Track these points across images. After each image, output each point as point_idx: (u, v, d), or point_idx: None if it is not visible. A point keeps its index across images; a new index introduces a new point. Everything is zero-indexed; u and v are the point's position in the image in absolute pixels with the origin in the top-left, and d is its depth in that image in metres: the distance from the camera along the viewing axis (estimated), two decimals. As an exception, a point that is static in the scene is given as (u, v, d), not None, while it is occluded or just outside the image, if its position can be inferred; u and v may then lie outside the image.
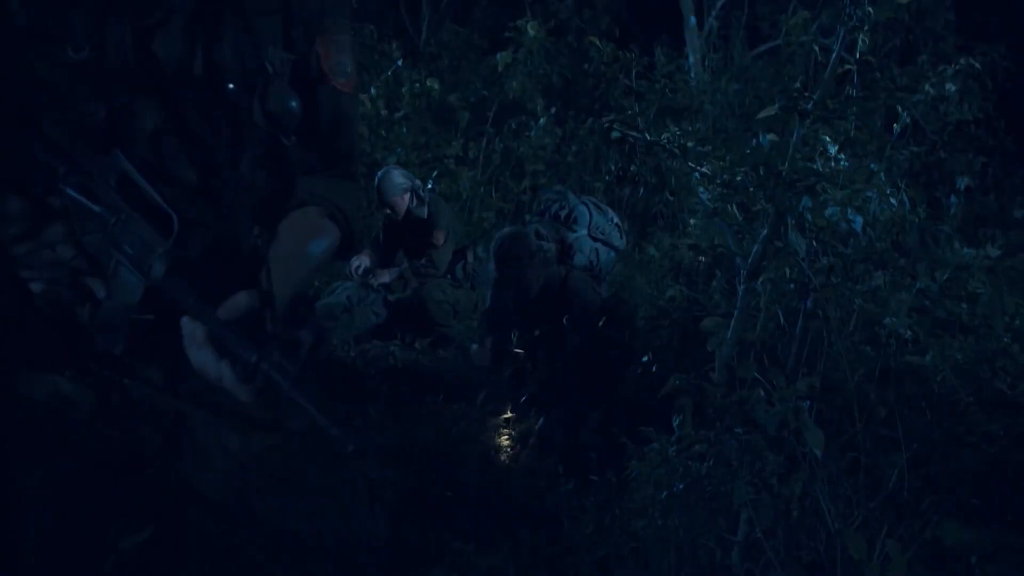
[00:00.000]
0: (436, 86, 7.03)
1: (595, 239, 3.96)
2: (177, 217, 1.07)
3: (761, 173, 2.38)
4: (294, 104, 1.20)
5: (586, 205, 4.03)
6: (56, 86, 1.11)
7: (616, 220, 4.09)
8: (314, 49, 1.24)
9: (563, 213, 4.00)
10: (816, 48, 3.13)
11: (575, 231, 3.94)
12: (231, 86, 1.17)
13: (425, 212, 4.75)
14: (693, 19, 7.76)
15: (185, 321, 1.05)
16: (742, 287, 2.52)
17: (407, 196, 4.68)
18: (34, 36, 1.10)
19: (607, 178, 6.70)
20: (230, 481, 1.25)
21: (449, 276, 4.83)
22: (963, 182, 6.06)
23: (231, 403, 1.13)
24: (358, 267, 4.72)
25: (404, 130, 6.72)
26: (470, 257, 4.91)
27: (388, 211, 4.76)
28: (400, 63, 7.20)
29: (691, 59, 7.66)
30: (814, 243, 2.53)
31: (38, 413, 1.18)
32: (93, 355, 1.17)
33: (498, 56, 7.21)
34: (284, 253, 1.22)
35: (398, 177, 4.68)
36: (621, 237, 4.08)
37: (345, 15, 1.29)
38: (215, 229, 1.23)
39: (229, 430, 1.24)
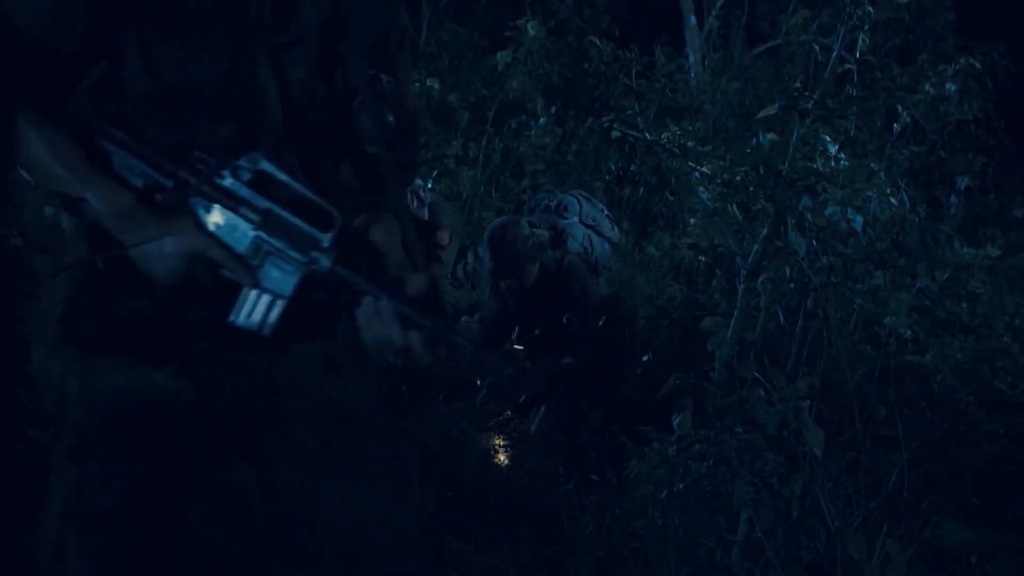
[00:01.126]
0: (436, 86, 7.02)
1: (587, 226, 3.98)
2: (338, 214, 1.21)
3: (761, 173, 2.38)
4: (391, 119, 1.32)
5: (575, 197, 4.07)
6: (192, 95, 1.20)
7: (606, 212, 4.11)
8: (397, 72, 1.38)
9: (553, 204, 4.03)
10: (816, 47, 3.13)
11: (566, 218, 3.96)
12: (353, 105, 1.29)
13: (426, 213, 4.75)
14: (693, 19, 7.75)
15: (367, 303, 1.20)
16: (742, 287, 2.52)
17: (407, 197, 4.68)
18: (170, 49, 1.17)
19: (607, 178, 6.68)
20: (306, 475, 1.33)
21: (449, 276, 4.82)
22: (963, 182, 6.06)
23: (321, 395, 1.31)
24: None
25: (404, 130, 6.70)
26: (470, 257, 4.90)
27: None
28: (400, 63, 7.18)
29: (691, 59, 7.66)
30: (814, 243, 2.53)
31: (135, 406, 1.23)
32: (197, 349, 1.25)
33: (498, 56, 7.20)
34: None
35: None
36: (612, 228, 4.10)
37: (408, 40, 1.45)
38: None
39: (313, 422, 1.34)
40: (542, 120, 6.89)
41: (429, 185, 4.99)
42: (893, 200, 3.74)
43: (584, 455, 3.18)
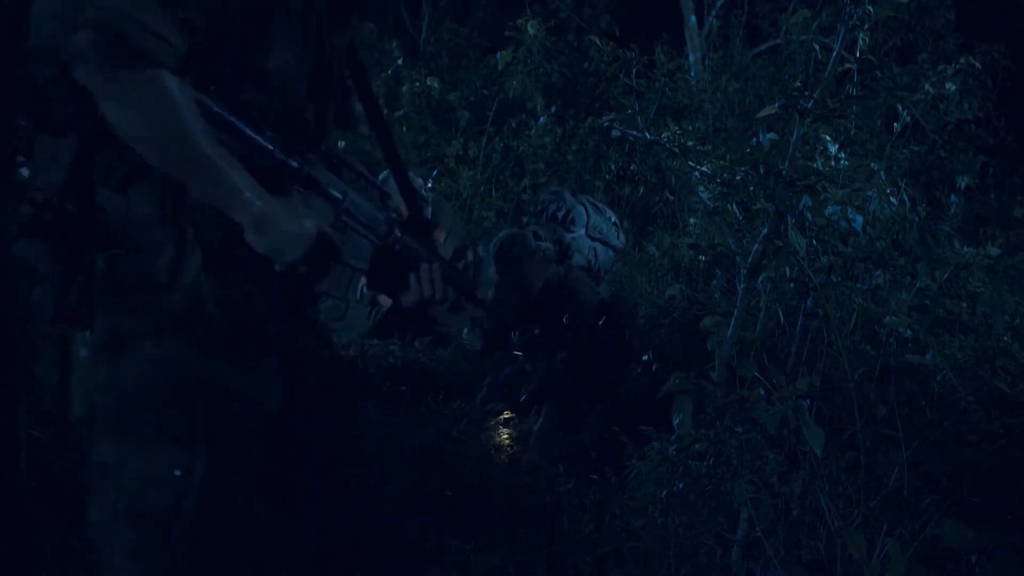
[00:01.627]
0: (436, 85, 7.02)
1: (593, 239, 3.95)
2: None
3: (761, 172, 2.37)
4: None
5: (583, 205, 4.02)
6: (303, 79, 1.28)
7: (614, 219, 4.07)
8: None
9: (560, 214, 3.98)
10: (816, 47, 3.12)
11: (572, 231, 3.92)
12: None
13: (429, 212, 4.75)
14: (693, 18, 7.76)
15: (424, 268, 1.41)
16: (742, 286, 2.52)
17: (409, 198, 4.68)
18: (278, 45, 1.23)
19: (607, 177, 6.67)
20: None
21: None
22: (963, 181, 6.06)
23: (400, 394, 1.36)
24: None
25: (404, 129, 6.70)
26: (470, 256, 4.90)
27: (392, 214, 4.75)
28: (400, 62, 7.18)
29: (691, 58, 7.66)
30: (814, 242, 2.53)
31: (234, 404, 1.25)
32: (284, 346, 1.29)
33: (498, 55, 7.20)
34: None
35: None
36: (619, 236, 4.07)
37: None
38: None
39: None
40: (542, 120, 6.88)
41: (429, 184, 4.98)
42: (893, 199, 3.74)
43: (584, 454, 3.17)
